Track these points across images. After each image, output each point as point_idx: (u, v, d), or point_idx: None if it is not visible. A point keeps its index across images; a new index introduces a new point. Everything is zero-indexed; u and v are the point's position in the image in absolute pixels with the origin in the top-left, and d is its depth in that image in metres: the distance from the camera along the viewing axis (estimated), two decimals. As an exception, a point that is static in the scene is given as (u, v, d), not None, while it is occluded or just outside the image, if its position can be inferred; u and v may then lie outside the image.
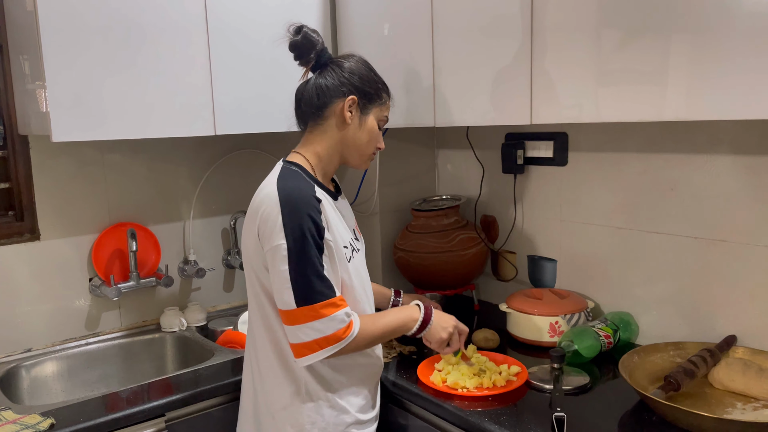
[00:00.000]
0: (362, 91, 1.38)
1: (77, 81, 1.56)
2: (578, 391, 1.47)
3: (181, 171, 2.14)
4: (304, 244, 1.24)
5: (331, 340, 1.26)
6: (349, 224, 1.44)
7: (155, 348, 2.04)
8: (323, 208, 1.29)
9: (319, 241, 1.26)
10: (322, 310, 1.25)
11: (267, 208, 1.27)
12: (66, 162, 1.91)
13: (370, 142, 1.42)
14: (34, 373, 1.83)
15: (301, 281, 1.24)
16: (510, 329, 1.83)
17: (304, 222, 1.24)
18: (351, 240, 1.40)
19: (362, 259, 1.46)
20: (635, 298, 1.76)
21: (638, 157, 1.71)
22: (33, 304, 1.88)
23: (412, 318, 1.41)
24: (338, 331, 1.26)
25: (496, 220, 2.14)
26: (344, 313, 1.28)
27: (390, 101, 1.46)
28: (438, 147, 2.34)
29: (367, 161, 1.45)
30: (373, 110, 1.41)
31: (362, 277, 1.43)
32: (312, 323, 1.25)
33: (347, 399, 1.38)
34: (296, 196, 1.26)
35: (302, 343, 1.27)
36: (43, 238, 1.88)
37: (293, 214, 1.24)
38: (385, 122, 1.46)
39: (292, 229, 1.24)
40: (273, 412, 1.36)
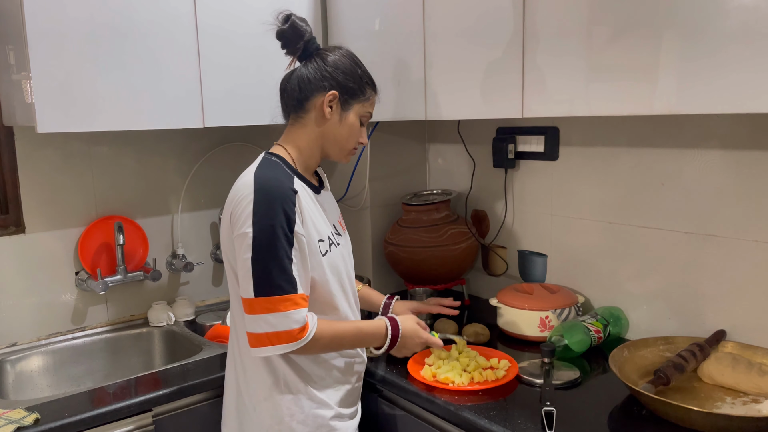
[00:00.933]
0: (344, 87, 1.35)
1: (63, 71, 1.54)
2: (568, 386, 1.47)
3: (170, 164, 2.11)
4: (270, 234, 1.22)
5: (282, 337, 1.23)
6: (330, 218, 1.43)
7: (143, 342, 2.02)
8: (299, 200, 1.27)
9: (289, 234, 1.23)
10: (278, 305, 1.22)
11: (240, 195, 1.26)
12: (52, 154, 1.88)
13: (350, 137, 1.39)
14: (20, 367, 1.81)
15: (262, 272, 1.22)
16: (500, 324, 1.83)
17: (274, 213, 1.22)
18: (330, 234, 1.38)
19: (343, 254, 1.42)
20: (625, 293, 1.76)
21: (629, 151, 1.71)
22: (18, 298, 1.86)
23: (375, 339, 1.39)
24: (292, 330, 1.23)
25: (487, 215, 2.13)
26: (301, 314, 1.24)
27: (375, 96, 1.43)
28: (429, 141, 2.33)
29: (348, 156, 1.43)
30: (355, 106, 1.38)
31: (340, 271, 1.39)
32: (266, 315, 1.22)
33: (327, 393, 1.37)
34: (271, 186, 1.25)
35: (256, 334, 1.25)
36: (28, 231, 1.85)
37: (265, 204, 1.23)
38: (368, 118, 1.42)
39: (261, 218, 1.22)
40: (254, 403, 1.36)
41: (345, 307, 1.40)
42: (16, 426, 1.33)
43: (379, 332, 1.39)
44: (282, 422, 1.33)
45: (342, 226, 1.50)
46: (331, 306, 1.36)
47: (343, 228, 1.50)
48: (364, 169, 2.18)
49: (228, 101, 1.82)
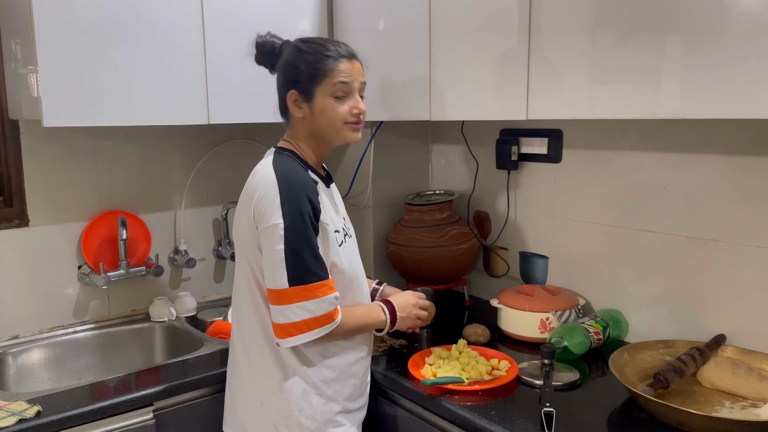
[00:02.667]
0: (297, 80, 1.34)
1: (70, 66, 1.55)
2: (568, 387, 1.48)
3: (174, 160, 2.12)
4: (301, 224, 1.25)
5: (321, 321, 1.27)
6: (340, 211, 1.45)
7: (144, 337, 2.02)
8: (319, 190, 1.31)
9: (315, 222, 1.27)
10: (316, 291, 1.26)
11: (264, 190, 1.27)
12: (57, 148, 1.88)
13: (332, 119, 1.35)
14: (21, 360, 1.82)
15: (297, 261, 1.25)
16: (501, 325, 1.83)
17: (302, 202, 1.25)
18: (343, 225, 1.42)
19: (354, 246, 1.46)
20: (626, 296, 1.77)
21: (632, 155, 1.71)
22: (21, 291, 1.86)
23: (380, 321, 1.42)
24: (329, 312, 1.28)
25: (489, 216, 2.14)
26: (334, 296, 1.30)
27: (341, 61, 1.34)
28: (432, 141, 2.34)
29: (349, 132, 1.37)
30: (319, 89, 1.34)
31: (354, 262, 1.43)
32: (303, 303, 1.26)
33: (335, 387, 1.38)
34: (293, 177, 1.28)
35: (290, 323, 1.27)
36: (32, 224, 1.86)
37: (291, 194, 1.25)
38: (344, 87, 1.34)
39: (290, 208, 1.25)
40: (261, 398, 1.36)
41: (360, 296, 1.44)
42: (18, 418, 1.33)
43: (380, 315, 1.42)
44: (290, 417, 1.34)
45: (348, 220, 1.51)
46: (347, 293, 1.39)
47: (349, 222, 1.51)
48: (368, 169, 2.18)
49: (233, 98, 1.82)
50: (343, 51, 1.36)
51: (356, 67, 1.36)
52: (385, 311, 1.43)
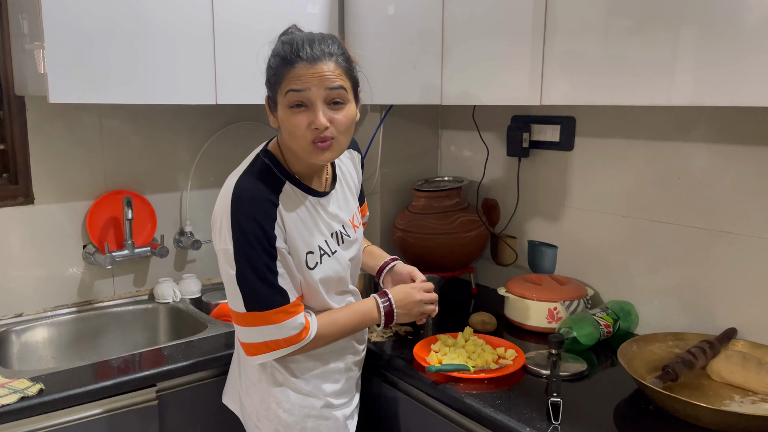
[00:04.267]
0: (267, 87, 1.25)
1: (77, 42, 1.52)
2: (575, 378, 1.46)
3: (180, 141, 2.10)
4: (251, 251, 1.17)
5: (282, 343, 1.22)
6: (336, 221, 1.33)
7: (148, 318, 2.01)
8: (280, 213, 1.21)
9: (270, 248, 1.19)
10: (272, 317, 1.20)
11: (219, 208, 1.21)
12: (63, 126, 1.87)
13: (291, 133, 1.20)
14: (25, 338, 1.81)
15: (250, 288, 1.19)
16: (508, 314, 1.81)
17: (252, 227, 1.17)
18: (325, 242, 1.30)
19: (343, 258, 1.34)
20: (636, 288, 1.74)
21: (646, 144, 1.68)
22: (25, 269, 1.85)
23: (371, 320, 1.35)
24: (291, 336, 1.22)
25: (498, 204, 2.11)
26: (298, 321, 1.22)
27: (297, 64, 1.16)
28: (442, 127, 2.31)
29: (312, 151, 1.20)
30: (279, 99, 1.20)
31: (332, 280, 1.32)
32: (262, 328, 1.21)
33: (315, 383, 1.34)
34: (248, 199, 1.18)
35: (253, 344, 1.23)
36: (37, 202, 1.85)
37: (242, 220, 1.17)
38: (296, 96, 1.17)
39: (240, 235, 1.17)
40: (247, 386, 1.37)
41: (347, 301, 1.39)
42: (20, 396, 1.33)
43: (372, 314, 1.35)
44: (269, 409, 1.33)
45: (354, 224, 1.40)
46: (325, 309, 1.33)
47: (354, 226, 1.40)
48: (376, 154, 2.16)
49: (241, 79, 1.80)
50: (304, 52, 1.16)
51: (319, 70, 1.16)
52: (379, 308, 1.34)
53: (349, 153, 1.47)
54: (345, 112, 1.21)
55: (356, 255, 1.41)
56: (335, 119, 1.19)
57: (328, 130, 1.18)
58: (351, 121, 1.23)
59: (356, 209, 1.44)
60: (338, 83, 1.18)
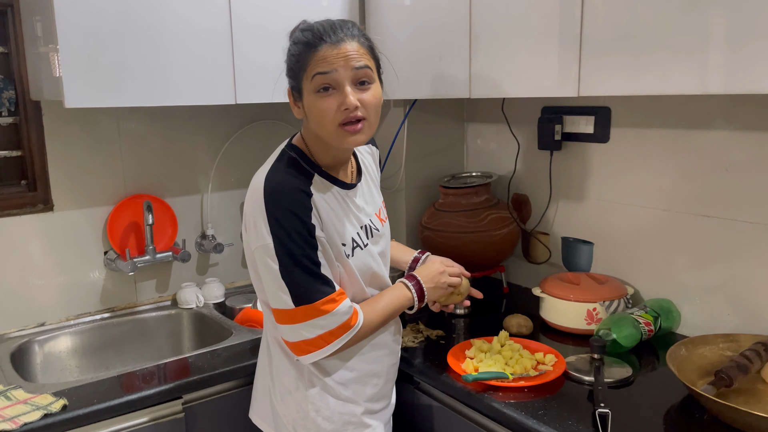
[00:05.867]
0: (289, 76, 1.21)
1: (92, 44, 1.47)
2: (620, 384, 1.38)
3: (200, 142, 2.04)
4: (292, 243, 1.14)
5: (336, 333, 1.18)
6: (364, 214, 1.30)
7: (172, 325, 1.97)
8: (314, 203, 1.18)
9: (310, 238, 1.15)
10: (324, 307, 1.16)
11: (252, 205, 1.17)
12: (80, 130, 1.82)
13: (320, 120, 1.17)
14: (48, 348, 1.77)
15: (296, 281, 1.15)
16: (543, 315, 1.74)
17: (290, 220, 1.14)
18: (357, 234, 1.26)
19: (373, 252, 1.30)
20: (679, 285, 1.65)
21: (689, 134, 1.59)
22: (46, 277, 1.82)
23: (407, 299, 1.32)
24: (343, 322, 1.18)
25: (529, 199, 2.03)
26: (347, 305, 1.19)
27: (321, 46, 1.14)
28: (467, 120, 2.23)
29: (344, 135, 1.17)
30: (305, 85, 1.17)
31: (369, 270, 1.30)
32: (314, 320, 1.16)
33: (354, 388, 1.29)
34: (282, 192, 1.15)
35: (305, 340, 1.18)
36: (56, 209, 1.81)
37: (278, 212, 1.14)
38: (323, 78, 1.14)
39: (278, 227, 1.13)
40: (282, 394, 1.31)
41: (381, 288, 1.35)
42: (43, 412, 1.28)
43: (405, 293, 1.32)
44: (307, 417, 1.27)
45: (381, 218, 1.37)
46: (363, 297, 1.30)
47: (381, 220, 1.36)
48: (401, 149, 2.09)
49: (260, 77, 1.74)
50: (327, 34, 1.14)
51: (344, 51, 1.13)
52: (409, 287, 1.33)
53: (369, 148, 1.44)
54: (373, 92, 1.18)
55: (384, 250, 1.37)
56: (364, 99, 1.16)
57: (358, 110, 1.16)
58: (379, 102, 1.21)
59: (381, 203, 1.40)
60: (363, 62, 1.16)
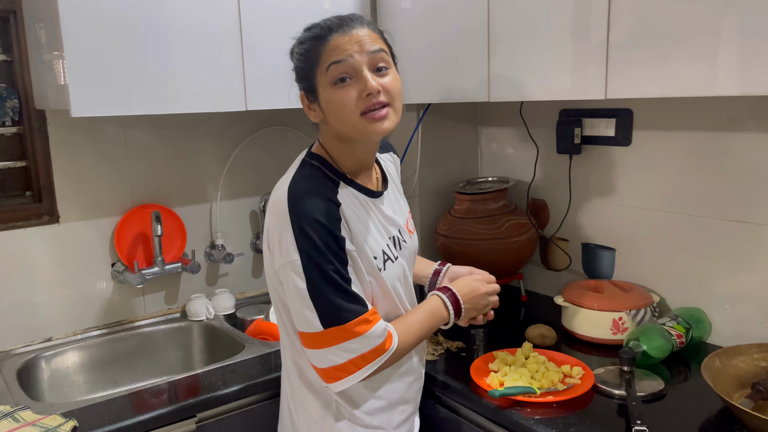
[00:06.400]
0: (299, 78, 1.16)
1: (98, 51, 1.42)
2: (652, 398, 1.32)
3: (207, 149, 1.99)
4: (321, 258, 1.05)
5: (369, 357, 1.09)
6: (393, 224, 1.23)
7: (181, 337, 1.92)
8: (343, 213, 1.10)
9: (340, 252, 1.07)
10: (356, 329, 1.07)
11: (275, 219, 1.08)
12: (86, 139, 1.77)
13: (340, 113, 1.09)
14: (55, 364, 1.72)
15: (325, 300, 1.06)
16: (566, 325, 1.68)
17: (319, 233, 1.05)
18: (387, 246, 1.19)
19: (403, 267, 1.24)
20: (707, 293, 1.60)
21: (716, 136, 1.53)
22: (53, 291, 1.76)
23: (442, 319, 1.24)
24: (377, 346, 1.10)
25: (547, 204, 1.98)
26: (381, 327, 1.11)
27: (331, 35, 1.08)
28: (481, 124, 2.17)
29: (369, 123, 1.09)
30: (319, 81, 1.11)
31: (400, 284, 1.23)
32: (345, 344, 1.07)
33: (382, 417, 1.23)
34: (309, 204, 1.06)
35: (336, 366, 1.09)
36: (62, 220, 1.76)
37: (305, 225, 1.05)
38: (339, 67, 1.07)
39: (306, 242, 1.05)
40: (307, 424, 1.23)
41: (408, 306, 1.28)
42: (53, 435, 1.23)
43: (441, 312, 1.23)
44: None
45: (410, 228, 1.30)
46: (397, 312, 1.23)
47: (410, 231, 1.30)
48: (415, 155, 2.03)
49: (271, 83, 1.68)
50: (333, 22, 1.09)
51: (356, 37, 1.08)
52: (446, 303, 1.23)
53: (391, 156, 1.38)
54: (392, 76, 1.12)
55: (411, 263, 1.30)
56: (386, 84, 1.09)
57: (381, 95, 1.08)
58: (400, 88, 1.14)
59: (408, 213, 1.32)
60: (378, 46, 1.10)
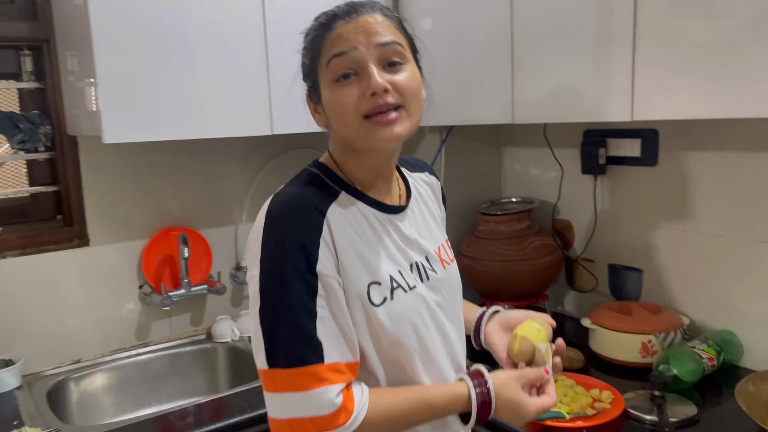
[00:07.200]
0: (306, 79, 0.98)
1: (129, 78, 1.45)
2: (685, 424, 1.30)
3: (233, 172, 2.02)
4: (281, 279, 0.85)
5: (307, 426, 0.84)
6: (411, 249, 0.98)
7: (207, 359, 1.93)
8: (329, 226, 0.89)
9: (309, 276, 0.85)
10: (297, 380, 0.84)
11: (253, 230, 0.91)
12: (114, 163, 1.81)
13: (340, 115, 0.91)
14: (84, 386, 1.74)
15: (275, 333, 0.85)
16: (594, 347, 1.66)
17: (287, 248, 0.85)
18: (400, 273, 0.94)
19: (427, 299, 0.97)
20: (739, 315, 1.57)
21: (745, 156, 1.52)
22: (82, 313, 1.79)
23: (454, 410, 0.93)
24: (322, 416, 0.84)
25: (572, 225, 1.96)
26: (329, 395, 0.84)
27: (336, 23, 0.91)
28: (504, 144, 2.17)
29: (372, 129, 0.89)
30: (321, 77, 0.93)
31: (424, 325, 0.95)
32: (286, 395, 0.84)
33: None
34: (284, 209, 0.88)
35: (284, 420, 0.85)
36: (92, 243, 1.79)
37: (276, 235, 0.86)
38: (341, 61, 0.89)
39: (271, 255, 0.86)
40: None
41: (432, 377, 0.97)
42: (83, 458, 1.24)
43: (458, 402, 0.92)
44: None
45: (443, 258, 1.04)
46: (406, 376, 0.94)
47: (444, 261, 1.04)
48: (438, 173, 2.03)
49: (297, 106, 1.69)
50: (341, 7, 0.92)
51: (363, 25, 0.89)
52: (471, 397, 0.91)
53: (427, 177, 1.12)
54: (407, 73, 0.90)
55: (448, 304, 1.00)
56: (397, 82, 0.89)
57: (389, 95, 0.88)
58: (418, 87, 0.92)
59: (444, 242, 1.07)
60: (391, 37, 0.90)
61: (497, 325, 1.09)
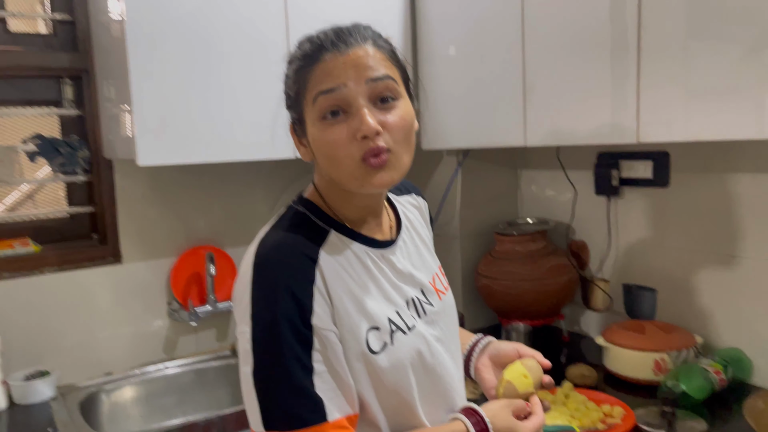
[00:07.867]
0: (290, 110, 0.92)
1: (163, 105, 1.55)
2: (695, 440, 1.33)
3: (258, 192, 2.11)
4: (275, 335, 0.80)
5: None
6: (405, 284, 0.94)
7: (231, 374, 1.99)
8: (322, 273, 0.84)
9: (304, 330, 0.81)
10: None
11: (240, 278, 0.86)
12: (147, 185, 1.91)
13: (329, 156, 0.86)
14: (114, 397, 1.82)
15: (272, 395, 0.80)
16: (608, 365, 1.69)
17: (278, 299, 0.80)
18: (396, 314, 0.90)
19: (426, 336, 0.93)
20: (751, 334, 1.59)
21: (755, 177, 1.55)
22: (114, 328, 1.88)
23: None
24: None
25: (587, 245, 2.00)
26: None
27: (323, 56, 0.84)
28: (520, 167, 2.23)
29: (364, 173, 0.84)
30: (307, 113, 0.87)
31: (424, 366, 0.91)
32: None
33: None
34: (273, 259, 0.83)
35: None
36: (124, 261, 1.88)
37: (266, 288, 0.81)
38: (328, 99, 0.83)
39: (261, 310, 0.81)
40: None
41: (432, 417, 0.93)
42: (115, 463, 1.31)
43: None
44: None
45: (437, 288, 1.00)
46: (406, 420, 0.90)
47: (439, 291, 1.00)
48: (455, 197, 2.10)
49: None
50: (328, 36, 0.85)
51: (353, 59, 0.84)
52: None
53: (414, 199, 1.08)
54: (399, 111, 0.85)
55: (446, 335, 0.97)
56: (388, 122, 0.84)
57: (380, 138, 0.83)
58: (410, 125, 0.87)
59: (437, 269, 1.04)
60: (383, 72, 0.84)
61: (488, 361, 1.08)
